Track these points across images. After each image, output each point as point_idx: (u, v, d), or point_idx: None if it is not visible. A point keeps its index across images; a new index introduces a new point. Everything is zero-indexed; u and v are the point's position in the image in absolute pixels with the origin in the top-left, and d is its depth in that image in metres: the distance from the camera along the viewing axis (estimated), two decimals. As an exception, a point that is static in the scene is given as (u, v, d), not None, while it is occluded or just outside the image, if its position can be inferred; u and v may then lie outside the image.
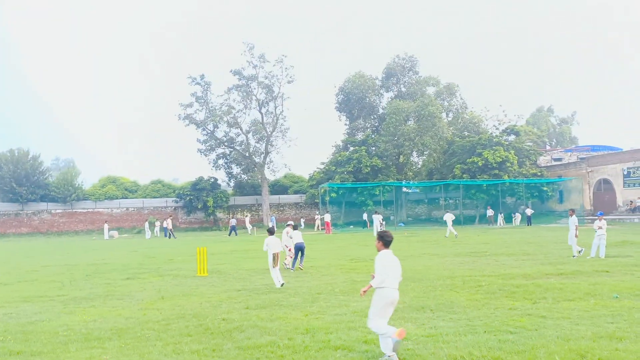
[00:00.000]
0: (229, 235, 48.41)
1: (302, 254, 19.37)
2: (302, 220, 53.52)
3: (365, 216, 54.69)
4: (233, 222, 52.84)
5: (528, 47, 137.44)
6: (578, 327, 8.74)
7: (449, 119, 63.39)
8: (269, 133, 62.34)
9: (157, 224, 52.78)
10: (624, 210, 50.19)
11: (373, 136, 61.77)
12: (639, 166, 49.51)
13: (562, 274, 15.23)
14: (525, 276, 15.00)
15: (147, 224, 52.88)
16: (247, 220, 52.99)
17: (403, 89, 63.46)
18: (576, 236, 20.45)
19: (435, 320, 9.71)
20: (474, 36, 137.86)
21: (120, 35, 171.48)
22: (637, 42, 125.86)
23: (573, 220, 20.80)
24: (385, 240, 7.63)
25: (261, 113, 62.40)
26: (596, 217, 21.22)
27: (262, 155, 63.11)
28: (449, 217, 36.19)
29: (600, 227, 19.77)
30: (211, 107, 61.12)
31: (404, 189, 62.15)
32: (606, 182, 53.41)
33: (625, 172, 50.79)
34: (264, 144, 62.93)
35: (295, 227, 20.82)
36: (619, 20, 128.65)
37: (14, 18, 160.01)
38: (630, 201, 49.59)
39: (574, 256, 19.98)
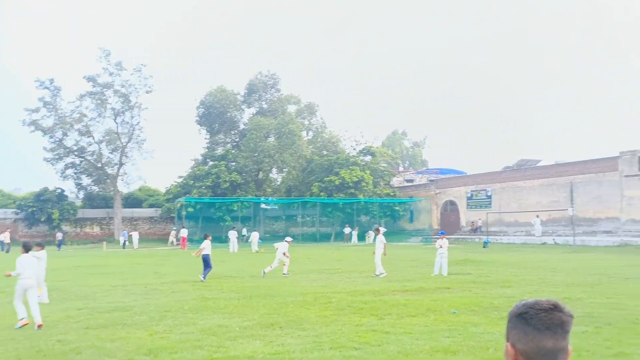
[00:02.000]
0: (59, 249, 45.57)
1: (207, 266, 19.77)
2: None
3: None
4: (59, 235, 49.80)
5: (387, 72, 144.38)
6: (418, 341, 9.10)
7: (309, 137, 64.60)
8: (124, 144, 59.82)
9: None
10: (466, 231, 53.84)
11: (233, 151, 61.39)
12: (480, 189, 53.42)
13: (407, 291, 15.89)
14: (374, 293, 15.46)
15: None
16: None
17: (265, 106, 63.82)
18: (385, 254, 20.89)
19: (284, 337, 9.67)
20: (335, 57, 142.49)
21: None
22: (480, 72, 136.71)
23: (380, 239, 21.35)
24: (25, 247, 12.29)
25: (116, 122, 59.74)
26: (438, 236, 22.40)
27: (116, 167, 60.34)
28: (254, 236, 40.44)
29: (441, 246, 20.77)
30: (61, 113, 57.51)
31: (263, 205, 62.27)
32: (452, 203, 57.03)
33: (469, 195, 54.59)
34: (118, 155, 60.24)
35: (205, 237, 21.56)
36: (461, 58, 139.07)
37: None
38: (472, 222, 53.31)
39: (375, 275, 20.22)
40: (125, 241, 48.67)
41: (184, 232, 46.50)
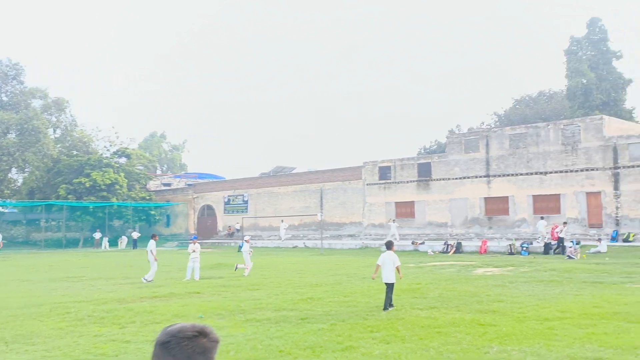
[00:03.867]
0: None
1: None
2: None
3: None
4: None
5: (148, 72, 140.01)
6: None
7: (57, 135, 59.74)
8: None
9: None
10: (223, 235, 54.35)
11: (-37, 147, 54.16)
12: (237, 195, 54.42)
13: (156, 297, 15.36)
14: (119, 300, 14.67)
15: None
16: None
17: (5, 99, 57.38)
18: (155, 259, 20.45)
19: (8, 354, 8.68)
20: (92, 51, 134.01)
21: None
22: (243, 79, 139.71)
23: (151, 244, 20.86)
24: None
25: None
26: (190, 241, 22.20)
27: None
28: None
29: (193, 251, 20.65)
30: None
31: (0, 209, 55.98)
32: (209, 208, 57.20)
33: (226, 200, 55.26)
34: None
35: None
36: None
37: None
38: (229, 226, 54.01)
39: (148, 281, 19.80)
40: None
41: None
